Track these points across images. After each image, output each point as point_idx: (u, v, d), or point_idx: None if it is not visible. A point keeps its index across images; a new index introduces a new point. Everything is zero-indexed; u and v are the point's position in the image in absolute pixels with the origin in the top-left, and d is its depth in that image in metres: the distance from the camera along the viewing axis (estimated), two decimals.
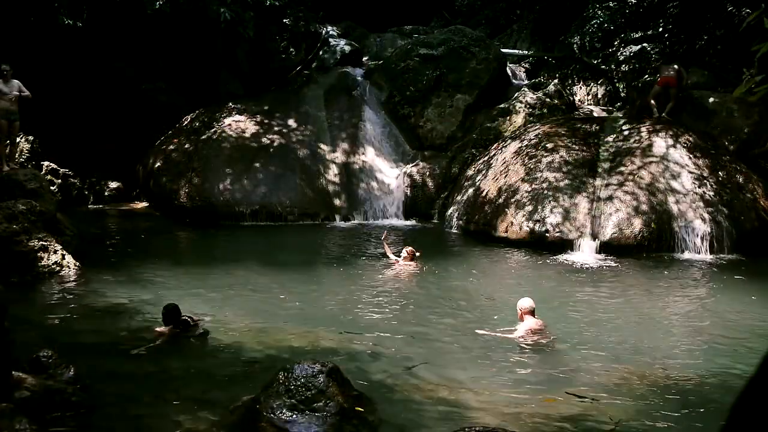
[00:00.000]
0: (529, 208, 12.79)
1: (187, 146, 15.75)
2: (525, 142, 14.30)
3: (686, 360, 7.26)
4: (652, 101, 15.18)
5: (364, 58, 20.73)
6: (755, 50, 3.57)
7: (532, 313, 7.69)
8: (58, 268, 9.58)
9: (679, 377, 6.67)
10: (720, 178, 12.99)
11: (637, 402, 6.01)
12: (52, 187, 13.39)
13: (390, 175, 15.91)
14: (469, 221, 13.81)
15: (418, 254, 10.94)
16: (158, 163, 15.77)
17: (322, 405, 4.99)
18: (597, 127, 14.42)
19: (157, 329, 7.28)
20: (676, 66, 15.26)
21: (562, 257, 11.86)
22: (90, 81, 16.31)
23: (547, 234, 12.42)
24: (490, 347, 7.33)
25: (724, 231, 12.30)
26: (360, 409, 5.15)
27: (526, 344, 7.41)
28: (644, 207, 12.41)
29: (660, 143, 13.48)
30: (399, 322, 8.24)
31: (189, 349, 7.09)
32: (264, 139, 15.75)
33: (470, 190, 14.34)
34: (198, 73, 17.03)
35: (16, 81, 12.49)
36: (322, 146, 16.00)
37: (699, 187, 12.74)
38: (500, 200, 13.34)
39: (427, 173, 15.90)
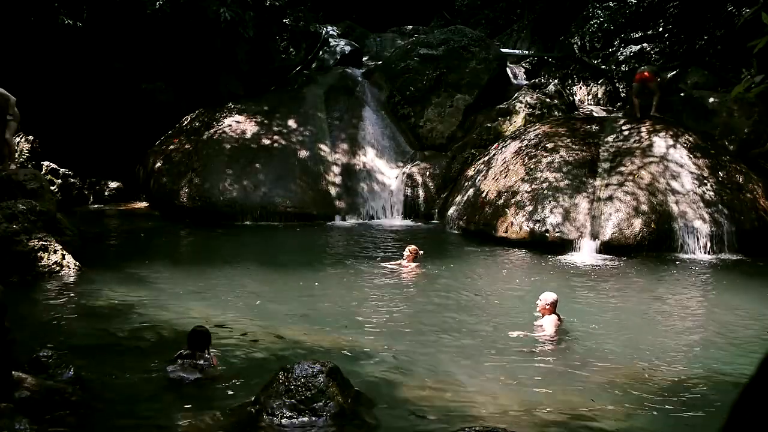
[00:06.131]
0: (529, 208, 12.79)
1: (187, 146, 15.75)
2: (525, 142, 14.30)
3: (686, 360, 7.27)
4: (635, 99, 15.29)
5: (364, 58, 20.75)
6: (752, 46, 3.55)
7: (555, 307, 7.77)
8: (58, 268, 9.57)
9: (679, 377, 6.67)
10: (720, 178, 13.00)
11: (637, 402, 6.01)
12: (52, 187, 13.36)
13: (390, 176, 15.90)
14: (469, 221, 13.80)
15: (421, 252, 10.92)
16: (158, 164, 15.78)
17: (322, 405, 4.99)
18: (597, 127, 14.43)
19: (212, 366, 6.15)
20: (649, 68, 15.61)
21: (562, 257, 11.86)
22: (90, 81, 16.29)
23: (547, 234, 12.42)
24: (491, 347, 7.34)
25: (724, 231, 12.30)
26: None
27: (527, 344, 7.41)
28: (644, 207, 12.41)
29: (660, 143, 13.49)
30: (399, 322, 8.25)
31: None
32: (264, 140, 15.74)
33: (470, 191, 14.34)
34: (198, 73, 17.01)
35: None
36: (322, 146, 15.99)
37: (699, 187, 12.75)
38: (500, 200, 13.34)
39: (427, 173, 15.88)
